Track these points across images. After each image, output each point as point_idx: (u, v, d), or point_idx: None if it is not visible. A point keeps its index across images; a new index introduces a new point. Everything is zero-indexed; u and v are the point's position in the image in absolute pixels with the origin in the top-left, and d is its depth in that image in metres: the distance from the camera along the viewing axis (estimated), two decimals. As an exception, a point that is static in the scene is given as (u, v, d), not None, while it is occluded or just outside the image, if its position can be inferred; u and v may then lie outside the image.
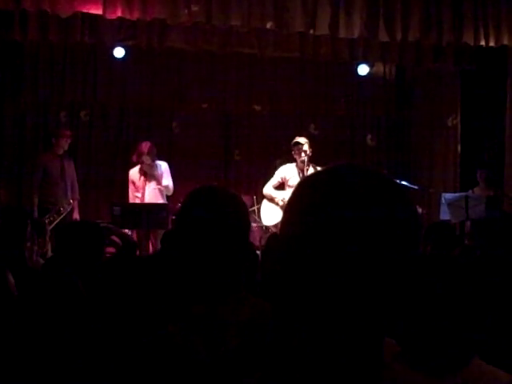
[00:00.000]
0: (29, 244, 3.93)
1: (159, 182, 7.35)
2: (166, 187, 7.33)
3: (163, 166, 7.45)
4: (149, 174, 7.33)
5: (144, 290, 1.87)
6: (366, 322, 0.89)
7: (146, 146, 7.29)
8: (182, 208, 1.73)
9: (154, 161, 7.33)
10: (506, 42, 7.73)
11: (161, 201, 7.32)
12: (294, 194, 0.95)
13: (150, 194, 7.31)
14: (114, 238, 4.01)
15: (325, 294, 0.88)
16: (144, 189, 7.32)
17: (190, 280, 1.66)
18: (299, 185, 0.97)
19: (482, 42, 7.67)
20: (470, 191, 7.84)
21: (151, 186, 7.34)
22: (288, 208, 0.95)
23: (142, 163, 7.27)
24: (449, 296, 1.68)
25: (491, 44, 7.70)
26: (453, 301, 1.68)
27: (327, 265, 0.87)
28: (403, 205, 0.92)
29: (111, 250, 4.01)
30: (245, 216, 1.75)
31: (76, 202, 7.60)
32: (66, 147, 7.64)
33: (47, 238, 5.07)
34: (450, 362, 1.63)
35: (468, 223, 7.54)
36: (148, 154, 7.22)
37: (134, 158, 7.36)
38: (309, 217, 0.90)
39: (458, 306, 1.68)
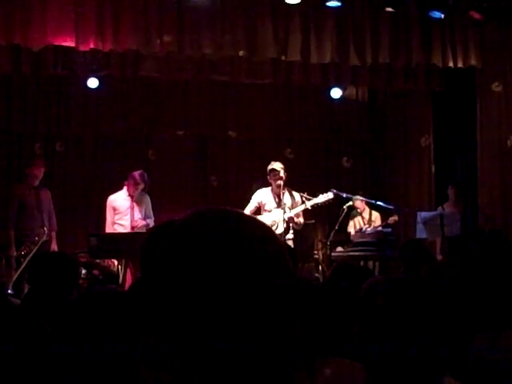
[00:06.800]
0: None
1: (145, 213, 7.44)
2: (149, 224, 7.36)
3: (148, 198, 7.55)
4: (139, 203, 7.40)
5: (116, 325, 1.87)
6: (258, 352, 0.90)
7: (143, 175, 7.39)
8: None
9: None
10: (473, 62, 7.91)
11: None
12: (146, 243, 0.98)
13: (138, 221, 7.37)
14: (95, 271, 4.02)
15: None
16: (133, 216, 7.33)
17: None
18: (150, 235, 1.00)
19: (451, 63, 7.83)
20: (440, 207, 8.03)
21: (137, 215, 7.38)
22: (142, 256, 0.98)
23: (134, 192, 7.32)
24: (416, 316, 1.71)
25: (459, 65, 7.87)
26: (420, 321, 1.71)
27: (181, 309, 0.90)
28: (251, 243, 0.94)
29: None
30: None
31: (54, 233, 7.53)
32: (41, 177, 7.57)
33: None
34: (417, 379, 1.66)
35: (438, 240, 7.70)
36: (146, 182, 7.36)
37: (131, 191, 7.35)
38: (158, 269, 0.94)
39: (426, 326, 1.71)
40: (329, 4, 7.35)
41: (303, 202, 7.11)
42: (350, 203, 8.06)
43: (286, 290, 0.92)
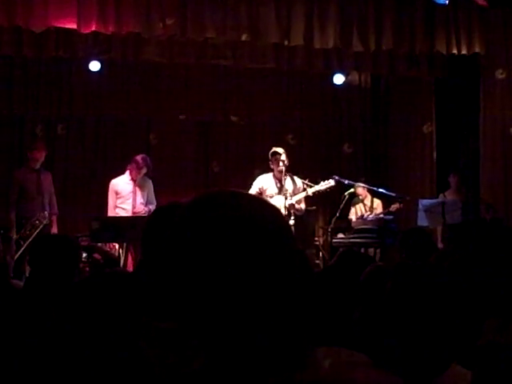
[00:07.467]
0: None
1: (147, 198, 7.41)
2: (151, 210, 7.30)
3: (151, 183, 7.53)
4: (142, 187, 7.37)
5: (118, 306, 1.86)
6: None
7: (146, 159, 7.36)
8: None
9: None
10: (477, 49, 7.86)
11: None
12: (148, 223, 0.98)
13: (140, 207, 7.34)
14: (96, 255, 4.01)
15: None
16: (135, 201, 7.32)
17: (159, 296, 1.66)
18: (153, 216, 1.00)
19: (454, 50, 7.79)
20: (442, 195, 8.03)
21: (139, 200, 7.36)
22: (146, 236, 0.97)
23: (137, 176, 7.29)
24: (424, 303, 1.70)
25: (463, 52, 7.83)
26: (429, 308, 1.70)
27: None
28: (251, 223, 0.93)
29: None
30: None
31: (55, 217, 7.50)
32: (42, 160, 7.54)
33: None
34: (427, 368, 1.65)
35: (439, 228, 7.70)
36: (149, 167, 7.33)
37: (134, 175, 7.33)
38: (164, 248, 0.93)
39: (435, 312, 1.70)
40: (333, -12, 7.31)
41: (304, 189, 7.10)
42: (352, 190, 8.05)
43: (298, 268, 0.92)
